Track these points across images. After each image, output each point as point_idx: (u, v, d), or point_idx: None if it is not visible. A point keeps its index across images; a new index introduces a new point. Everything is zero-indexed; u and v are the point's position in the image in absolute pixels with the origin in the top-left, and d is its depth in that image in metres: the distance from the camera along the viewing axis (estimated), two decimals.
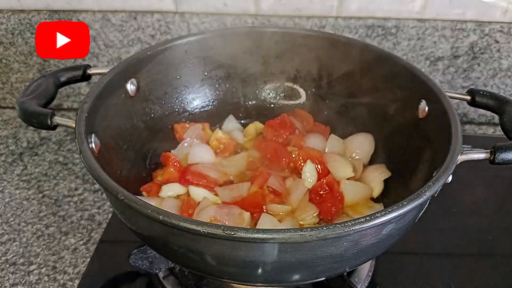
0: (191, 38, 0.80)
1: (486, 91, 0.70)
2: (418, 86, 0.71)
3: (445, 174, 0.54)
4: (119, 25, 0.99)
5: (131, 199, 0.50)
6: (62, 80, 0.71)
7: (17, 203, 0.87)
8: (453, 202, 0.87)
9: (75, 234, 0.81)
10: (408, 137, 0.73)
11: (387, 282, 0.73)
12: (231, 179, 0.78)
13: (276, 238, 0.46)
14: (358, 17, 0.98)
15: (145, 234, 0.55)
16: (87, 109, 0.62)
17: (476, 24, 0.98)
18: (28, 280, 0.73)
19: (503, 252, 0.79)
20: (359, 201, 0.74)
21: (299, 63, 0.86)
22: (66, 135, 1.04)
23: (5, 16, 0.99)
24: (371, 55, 0.77)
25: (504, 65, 1.03)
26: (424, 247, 0.79)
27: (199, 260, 0.51)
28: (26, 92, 0.66)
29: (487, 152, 0.59)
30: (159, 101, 0.81)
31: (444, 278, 0.73)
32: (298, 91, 0.89)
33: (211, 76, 0.85)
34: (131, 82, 0.74)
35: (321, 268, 0.53)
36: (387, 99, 0.77)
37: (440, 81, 1.05)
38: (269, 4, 0.97)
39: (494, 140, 0.70)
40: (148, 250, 0.70)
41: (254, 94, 0.89)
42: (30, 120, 0.63)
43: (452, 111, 0.63)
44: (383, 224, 0.49)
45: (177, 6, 0.98)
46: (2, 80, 1.08)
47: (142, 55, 0.75)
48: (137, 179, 0.75)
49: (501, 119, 0.66)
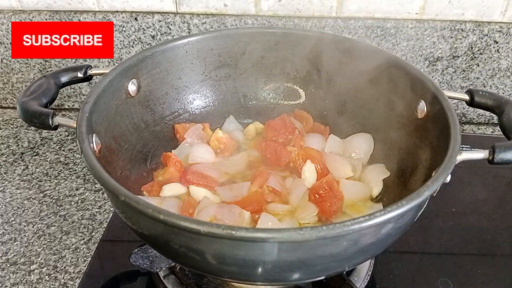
0: (192, 38, 0.81)
1: (485, 91, 0.70)
2: (417, 86, 0.71)
3: (444, 174, 0.54)
4: (119, 26, 0.99)
5: (132, 198, 0.50)
6: (63, 81, 0.71)
7: (18, 202, 0.88)
8: (452, 201, 0.87)
9: (76, 233, 0.82)
10: (407, 137, 0.74)
11: (387, 282, 0.73)
12: (232, 179, 0.78)
13: (276, 238, 0.46)
14: (358, 18, 0.98)
15: (146, 233, 0.56)
16: (88, 109, 0.62)
17: (475, 25, 0.98)
18: (29, 280, 0.74)
19: (502, 251, 0.79)
20: (358, 200, 0.74)
21: (298, 63, 0.86)
22: (67, 135, 1.04)
23: (5, 16, 0.99)
24: (370, 55, 0.77)
25: (503, 65, 1.03)
26: (423, 247, 0.79)
27: (200, 259, 0.52)
28: (27, 92, 0.66)
29: (486, 152, 0.59)
30: (160, 101, 0.81)
31: (443, 277, 0.74)
32: (298, 91, 0.89)
33: (212, 77, 0.86)
34: (132, 82, 0.74)
35: (321, 267, 0.53)
36: (386, 100, 0.77)
37: (439, 81, 1.05)
38: (269, 4, 0.98)
39: (493, 140, 0.71)
40: (148, 249, 0.70)
41: (254, 94, 0.89)
42: (31, 120, 0.63)
43: (451, 111, 0.63)
44: (382, 223, 0.49)
45: (177, 6, 0.99)
46: (3, 81, 1.09)
47: (143, 55, 0.76)
48: (138, 179, 0.75)
49: (500, 119, 0.66)
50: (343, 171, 0.77)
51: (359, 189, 0.75)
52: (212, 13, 0.99)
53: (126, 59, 0.74)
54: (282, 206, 0.72)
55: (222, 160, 0.81)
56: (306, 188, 0.74)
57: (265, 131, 0.86)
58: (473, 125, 1.12)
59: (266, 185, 0.73)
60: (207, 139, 0.84)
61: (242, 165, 0.80)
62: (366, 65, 0.77)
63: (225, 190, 0.73)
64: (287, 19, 0.98)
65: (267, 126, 0.85)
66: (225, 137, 0.83)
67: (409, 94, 0.73)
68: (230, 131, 0.87)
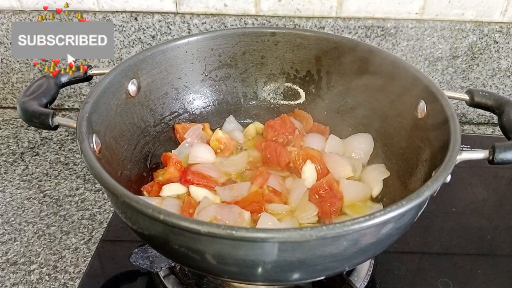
0: (192, 38, 0.81)
1: (485, 91, 0.70)
2: (417, 86, 0.71)
3: (444, 174, 0.54)
4: (120, 26, 0.99)
5: (133, 199, 0.50)
6: (63, 81, 0.71)
7: (18, 202, 0.88)
8: (452, 201, 0.87)
9: (76, 233, 0.82)
10: (407, 137, 0.74)
11: (387, 282, 0.73)
12: (232, 179, 0.78)
13: (276, 238, 0.46)
14: (358, 18, 0.98)
15: (146, 233, 0.56)
16: (88, 109, 0.62)
17: (475, 25, 0.98)
18: (29, 280, 0.74)
19: (502, 251, 0.79)
20: (358, 200, 0.74)
21: (298, 63, 0.86)
22: (67, 135, 1.04)
23: (5, 16, 0.99)
24: (370, 55, 0.77)
25: (503, 65, 1.03)
26: (423, 247, 0.79)
27: (200, 259, 0.52)
28: (27, 92, 0.66)
29: (486, 152, 0.59)
30: (160, 101, 0.81)
31: (443, 277, 0.74)
32: (298, 91, 0.89)
33: (212, 77, 0.86)
34: (132, 82, 0.74)
35: (321, 267, 0.53)
36: (386, 99, 0.77)
37: (439, 81, 1.05)
38: (269, 4, 0.98)
39: (493, 140, 0.71)
40: (148, 249, 0.70)
41: (254, 94, 0.89)
42: (31, 120, 0.63)
43: (451, 111, 0.63)
44: (382, 223, 0.49)
45: (177, 6, 0.99)
46: (3, 81, 1.09)
47: (143, 55, 0.76)
48: (138, 179, 0.75)
49: (500, 119, 0.66)
50: (343, 171, 0.77)
51: (359, 189, 0.75)
52: (212, 13, 0.99)
53: (126, 59, 0.74)
54: (282, 206, 0.72)
55: (222, 160, 0.81)
56: (306, 188, 0.74)
57: (265, 131, 0.86)
58: (473, 125, 1.12)
59: (266, 185, 0.73)
60: (207, 139, 0.84)
61: (242, 165, 0.80)
62: (365, 65, 0.78)
63: (225, 190, 0.73)
64: (287, 19, 0.98)
65: (267, 126, 0.85)
66: (225, 137, 0.83)
67: (409, 94, 0.73)
68: (230, 131, 0.87)
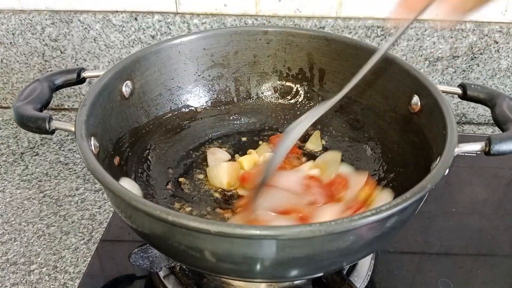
0: (184, 38, 0.80)
1: (478, 85, 0.71)
2: (410, 81, 0.71)
3: (444, 166, 0.55)
4: (119, 26, 1.00)
5: (139, 201, 0.50)
6: (57, 84, 0.70)
7: (18, 202, 0.88)
8: (452, 201, 0.87)
9: (76, 233, 0.82)
10: (402, 132, 0.74)
11: (387, 282, 0.73)
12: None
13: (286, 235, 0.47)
14: (358, 18, 0.98)
15: (147, 232, 0.56)
16: (85, 112, 0.62)
17: (475, 25, 0.98)
18: (28, 280, 0.74)
19: (502, 251, 0.79)
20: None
21: (292, 61, 0.86)
22: (67, 135, 1.04)
23: (5, 16, 0.99)
24: (361, 51, 0.78)
25: (503, 65, 1.03)
26: (423, 247, 0.79)
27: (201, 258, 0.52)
28: (21, 97, 0.65)
29: (482, 143, 0.60)
30: (154, 102, 0.81)
31: (443, 277, 0.74)
32: (291, 89, 0.89)
33: (204, 77, 0.85)
34: (126, 84, 0.74)
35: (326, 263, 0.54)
36: (379, 95, 0.78)
37: (439, 81, 1.06)
38: (269, 4, 0.98)
39: None
40: (148, 249, 0.70)
41: (248, 93, 0.89)
42: (27, 124, 0.62)
43: (445, 103, 0.64)
44: (388, 217, 0.50)
45: (177, 6, 0.99)
46: (3, 81, 1.09)
47: (136, 56, 0.75)
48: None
49: (493, 111, 0.66)
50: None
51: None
52: (212, 13, 0.99)
53: (120, 61, 0.74)
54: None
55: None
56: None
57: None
58: (473, 125, 1.12)
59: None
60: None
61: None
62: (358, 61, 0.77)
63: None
64: (287, 19, 0.99)
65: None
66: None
67: (402, 89, 0.73)
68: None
